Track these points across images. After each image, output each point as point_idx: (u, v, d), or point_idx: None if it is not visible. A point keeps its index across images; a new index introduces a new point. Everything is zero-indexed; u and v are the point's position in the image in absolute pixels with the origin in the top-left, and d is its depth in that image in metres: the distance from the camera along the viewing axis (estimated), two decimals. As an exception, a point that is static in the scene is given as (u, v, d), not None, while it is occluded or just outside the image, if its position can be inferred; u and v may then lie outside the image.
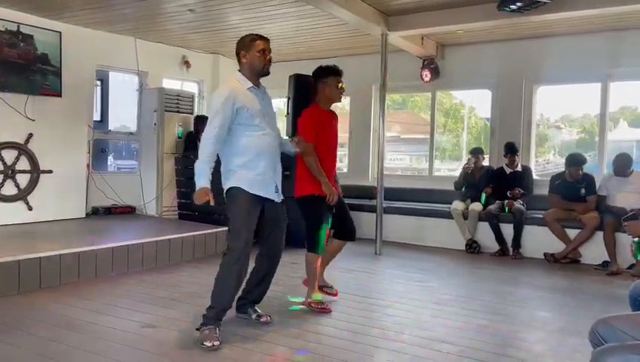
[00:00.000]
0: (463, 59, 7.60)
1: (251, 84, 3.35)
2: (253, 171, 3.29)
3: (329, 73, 3.90)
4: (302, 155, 3.74)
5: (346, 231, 4.09)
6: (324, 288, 4.17)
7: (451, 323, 3.71)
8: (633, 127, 7.54)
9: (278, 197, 3.42)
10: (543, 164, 8.18)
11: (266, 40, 3.39)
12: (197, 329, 3.21)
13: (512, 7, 5.20)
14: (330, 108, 4.02)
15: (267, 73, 3.39)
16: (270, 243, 3.48)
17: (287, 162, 3.82)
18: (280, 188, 3.45)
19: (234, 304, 3.42)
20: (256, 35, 3.39)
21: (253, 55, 3.32)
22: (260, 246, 3.52)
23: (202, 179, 3.15)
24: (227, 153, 3.31)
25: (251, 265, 3.43)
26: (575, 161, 6.13)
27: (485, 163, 7.15)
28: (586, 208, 5.99)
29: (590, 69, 6.72)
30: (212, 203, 3.17)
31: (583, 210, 5.98)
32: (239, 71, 3.39)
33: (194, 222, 6.61)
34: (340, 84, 3.91)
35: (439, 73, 7.62)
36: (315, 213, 3.81)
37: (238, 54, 3.38)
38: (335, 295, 4.20)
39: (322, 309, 3.86)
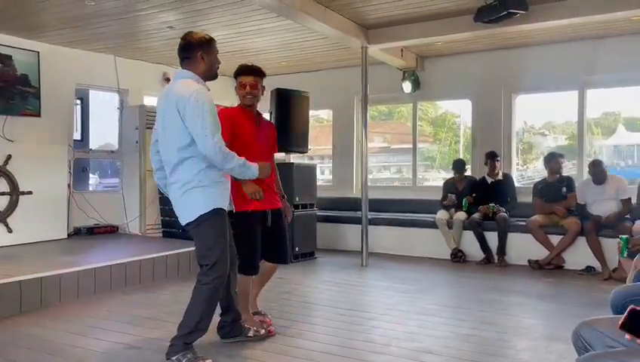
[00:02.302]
0: (443, 70, 7.69)
1: (207, 87, 3.07)
2: (225, 185, 3.11)
3: (235, 73, 3.58)
4: None
5: (274, 253, 3.67)
6: (257, 315, 3.75)
7: (438, 334, 3.71)
8: (631, 131, 7.65)
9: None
10: (533, 170, 8.29)
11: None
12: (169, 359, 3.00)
13: (489, 18, 5.28)
14: (256, 109, 3.65)
15: (216, 77, 3.18)
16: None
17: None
18: None
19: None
20: (211, 37, 3.14)
21: (213, 58, 3.10)
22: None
23: (251, 166, 3.00)
24: (205, 167, 2.97)
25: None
26: (553, 155, 6.39)
27: (467, 173, 7.23)
28: (567, 204, 6.14)
29: (567, 77, 6.85)
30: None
31: (564, 205, 6.12)
32: (189, 70, 3.06)
33: (178, 240, 6.54)
34: (245, 84, 3.52)
35: (419, 84, 7.70)
36: (243, 231, 3.47)
37: (192, 52, 3.05)
38: (269, 323, 3.72)
39: (268, 333, 3.56)
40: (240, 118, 3.54)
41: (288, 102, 6.48)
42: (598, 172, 5.94)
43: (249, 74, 3.55)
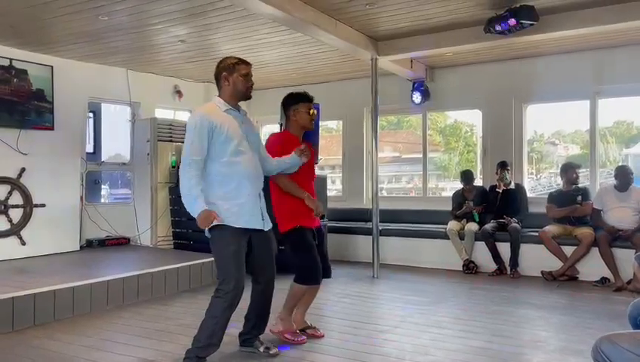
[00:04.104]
0: (453, 81, 7.69)
1: (230, 107, 3.24)
2: (236, 200, 3.12)
3: (299, 100, 3.77)
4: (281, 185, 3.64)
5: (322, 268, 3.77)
6: (308, 330, 3.89)
7: (452, 347, 3.67)
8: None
9: (265, 226, 3.29)
10: (545, 180, 8.23)
11: (248, 64, 3.34)
12: None
13: (498, 29, 5.28)
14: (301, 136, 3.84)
15: (250, 97, 3.32)
16: (262, 274, 3.38)
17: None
18: (266, 214, 3.31)
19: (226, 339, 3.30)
20: (239, 58, 3.31)
21: (237, 78, 3.24)
22: (253, 277, 3.42)
23: (197, 204, 2.97)
24: (206, 183, 3.09)
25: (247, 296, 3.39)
26: (569, 165, 6.39)
27: (478, 183, 7.21)
28: (582, 212, 6.07)
29: (578, 87, 6.81)
30: (218, 221, 3.03)
31: (578, 212, 6.08)
32: (218, 96, 3.29)
33: (189, 252, 6.56)
34: (310, 110, 3.76)
35: (429, 95, 7.70)
36: (301, 242, 3.62)
37: (218, 76, 3.28)
38: (321, 336, 3.88)
39: (298, 341, 3.71)
40: (295, 143, 3.69)
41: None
42: (624, 178, 5.88)
43: (311, 101, 3.80)
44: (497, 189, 6.77)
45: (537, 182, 8.24)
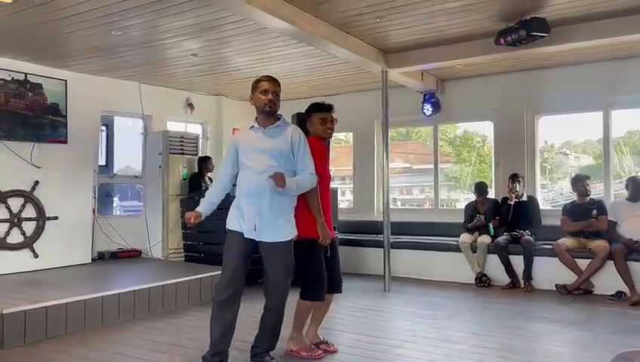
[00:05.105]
0: (464, 93, 7.67)
1: (255, 124, 3.40)
2: (236, 209, 3.37)
3: (311, 110, 3.84)
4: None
5: (330, 282, 3.72)
6: (321, 344, 3.87)
7: (465, 363, 3.62)
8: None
9: (256, 236, 3.27)
10: (557, 192, 8.14)
11: (270, 80, 3.39)
12: None
13: (509, 40, 5.26)
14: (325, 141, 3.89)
15: (269, 112, 3.35)
16: (268, 287, 3.39)
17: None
18: (266, 227, 3.27)
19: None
20: (263, 76, 3.45)
21: (257, 95, 3.38)
22: (264, 290, 3.44)
23: (198, 207, 3.44)
24: None
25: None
26: (578, 177, 6.33)
27: (490, 195, 7.15)
28: (598, 225, 6.00)
29: (591, 98, 6.76)
30: (192, 222, 3.36)
31: (594, 227, 6.00)
32: None
33: (200, 264, 6.56)
34: (326, 119, 3.77)
35: (440, 107, 7.68)
36: (310, 256, 3.59)
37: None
38: (334, 351, 3.85)
39: (314, 356, 3.69)
40: (322, 149, 3.77)
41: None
42: (636, 188, 5.83)
43: (330, 110, 3.85)
44: (509, 201, 6.71)
45: (550, 194, 8.14)
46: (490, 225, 6.68)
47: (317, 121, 3.78)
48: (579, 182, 6.23)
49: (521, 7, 4.97)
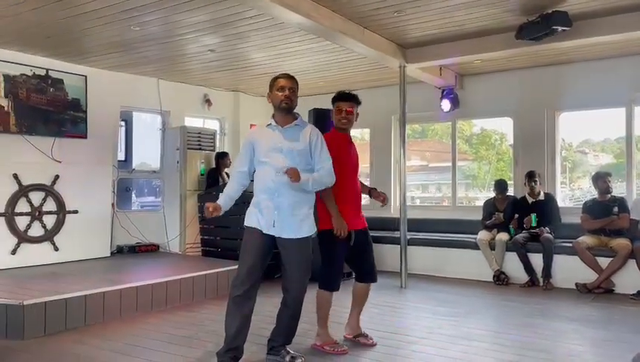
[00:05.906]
0: (483, 88, 7.58)
1: (273, 122, 3.40)
2: (254, 206, 3.38)
3: (333, 99, 3.86)
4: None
5: (360, 273, 3.90)
6: (359, 337, 3.94)
7: (483, 360, 3.59)
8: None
9: (276, 232, 3.30)
10: (578, 189, 8.01)
11: (287, 77, 3.41)
12: None
13: (531, 35, 5.18)
14: (346, 132, 3.88)
15: (285, 109, 3.37)
16: (286, 282, 3.41)
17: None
18: (285, 224, 3.30)
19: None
20: (281, 74, 3.47)
21: (274, 93, 3.40)
22: (282, 285, 3.46)
23: (218, 200, 3.41)
24: None
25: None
26: (599, 174, 6.23)
27: (510, 193, 7.07)
28: (619, 223, 5.90)
29: (614, 94, 6.63)
30: (210, 211, 3.30)
31: (615, 225, 5.90)
32: None
33: (217, 259, 6.60)
34: (342, 109, 3.76)
35: (459, 102, 7.61)
36: (326, 248, 3.66)
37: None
38: (372, 344, 3.88)
39: (338, 351, 3.70)
40: (336, 141, 3.71)
41: (326, 122, 6.48)
42: None
43: (347, 100, 3.80)
44: (528, 200, 6.62)
45: (571, 193, 8.02)
46: (511, 227, 6.60)
47: (335, 110, 3.81)
48: (600, 179, 6.13)
49: (542, 1, 4.89)
